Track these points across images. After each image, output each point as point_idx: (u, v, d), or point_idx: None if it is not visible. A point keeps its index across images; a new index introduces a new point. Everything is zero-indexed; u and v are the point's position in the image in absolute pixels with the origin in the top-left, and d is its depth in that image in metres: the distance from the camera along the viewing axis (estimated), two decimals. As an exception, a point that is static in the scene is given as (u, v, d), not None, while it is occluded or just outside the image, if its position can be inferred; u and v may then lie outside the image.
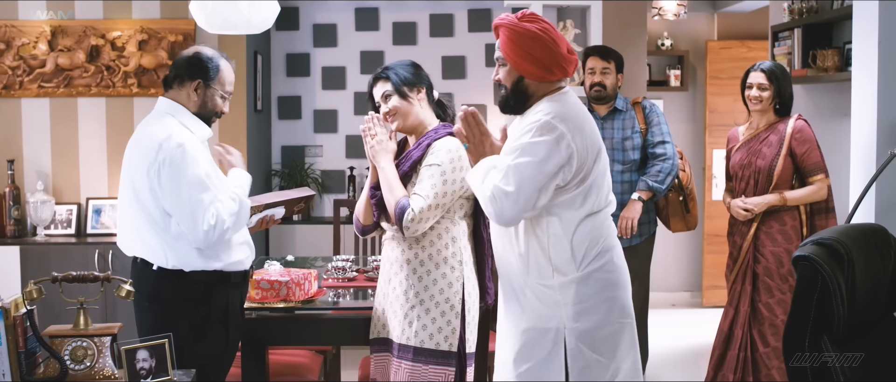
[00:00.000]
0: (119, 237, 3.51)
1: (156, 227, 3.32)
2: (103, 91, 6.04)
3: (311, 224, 6.83)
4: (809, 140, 4.68)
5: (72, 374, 2.74)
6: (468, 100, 7.17)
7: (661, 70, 8.00)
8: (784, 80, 4.74)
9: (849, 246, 2.44)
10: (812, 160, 4.68)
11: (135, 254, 3.42)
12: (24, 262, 5.71)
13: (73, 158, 6.10)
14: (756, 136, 4.80)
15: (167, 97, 3.46)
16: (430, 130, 3.53)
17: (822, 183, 4.69)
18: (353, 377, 4.59)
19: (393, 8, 7.19)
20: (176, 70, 3.44)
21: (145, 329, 3.37)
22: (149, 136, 3.33)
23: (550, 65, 3.01)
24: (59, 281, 2.85)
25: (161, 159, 3.25)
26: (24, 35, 5.98)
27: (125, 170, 3.42)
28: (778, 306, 4.63)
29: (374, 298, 3.69)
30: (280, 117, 7.24)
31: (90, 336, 2.76)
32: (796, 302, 2.47)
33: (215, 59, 3.45)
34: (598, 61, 5.15)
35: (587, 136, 2.97)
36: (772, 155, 4.70)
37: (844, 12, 5.21)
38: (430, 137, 3.49)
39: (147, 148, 3.30)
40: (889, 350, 2.56)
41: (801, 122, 4.73)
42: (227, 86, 3.48)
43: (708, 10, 8.05)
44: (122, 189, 3.44)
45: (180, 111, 3.42)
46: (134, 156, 3.37)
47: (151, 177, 3.27)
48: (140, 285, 3.27)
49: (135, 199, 3.35)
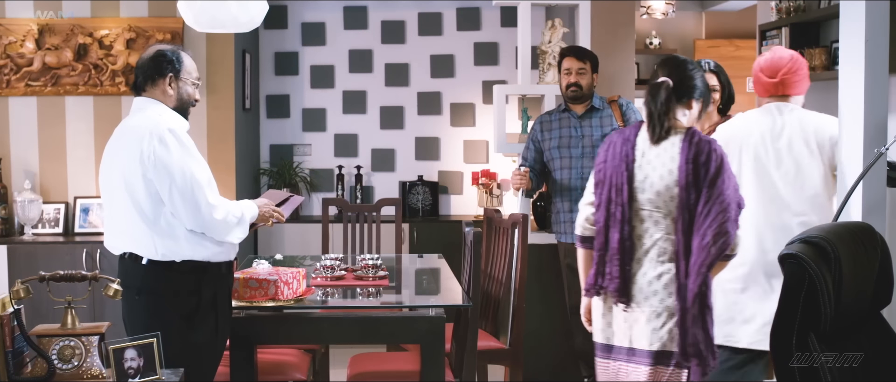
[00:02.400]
0: (107, 237, 3.51)
1: (145, 219, 3.34)
2: (91, 90, 6.02)
3: (299, 223, 6.83)
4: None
5: (59, 374, 2.73)
6: (456, 98, 7.18)
7: (649, 69, 8.02)
8: (727, 78, 4.60)
9: (836, 245, 2.45)
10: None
11: (124, 251, 3.42)
12: (11, 261, 5.69)
13: (61, 157, 6.08)
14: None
15: (143, 97, 3.52)
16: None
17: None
18: (342, 376, 4.59)
19: (381, 7, 7.18)
20: (144, 72, 3.50)
21: (136, 324, 3.36)
22: (134, 127, 3.37)
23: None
24: (47, 281, 2.84)
25: (154, 145, 3.30)
26: (12, 33, 5.96)
27: (109, 168, 3.43)
28: None
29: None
30: (268, 116, 7.23)
31: (78, 336, 2.76)
32: (783, 300, 2.48)
33: (176, 51, 3.54)
34: (573, 62, 5.18)
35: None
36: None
37: (831, 11, 5.23)
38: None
39: (137, 136, 3.33)
40: (876, 347, 2.57)
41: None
42: (194, 73, 3.57)
43: (696, 9, 8.07)
44: (107, 187, 3.45)
45: (159, 106, 3.48)
46: (120, 149, 3.39)
47: (145, 163, 3.30)
48: (129, 280, 3.31)
49: (124, 193, 3.36)
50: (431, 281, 4.73)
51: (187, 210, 3.31)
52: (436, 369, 3.77)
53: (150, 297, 3.39)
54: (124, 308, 3.44)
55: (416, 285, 4.73)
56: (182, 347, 3.27)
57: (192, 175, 3.31)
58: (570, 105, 5.24)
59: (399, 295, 4.41)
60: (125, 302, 3.41)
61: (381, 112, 7.23)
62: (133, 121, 3.44)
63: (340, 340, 3.99)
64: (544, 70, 5.76)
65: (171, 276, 3.38)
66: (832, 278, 2.42)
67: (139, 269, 3.37)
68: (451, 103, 7.22)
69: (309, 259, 5.15)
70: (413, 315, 3.89)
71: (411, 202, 6.98)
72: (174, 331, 3.26)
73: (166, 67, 3.48)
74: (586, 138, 5.14)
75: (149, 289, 3.38)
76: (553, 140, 5.21)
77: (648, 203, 3.28)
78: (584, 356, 5.28)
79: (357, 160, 7.20)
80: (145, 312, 3.37)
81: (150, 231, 3.34)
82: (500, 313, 4.73)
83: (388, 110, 7.23)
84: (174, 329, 3.27)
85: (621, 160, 3.32)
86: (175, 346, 3.16)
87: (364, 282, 4.27)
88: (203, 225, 3.35)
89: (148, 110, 3.45)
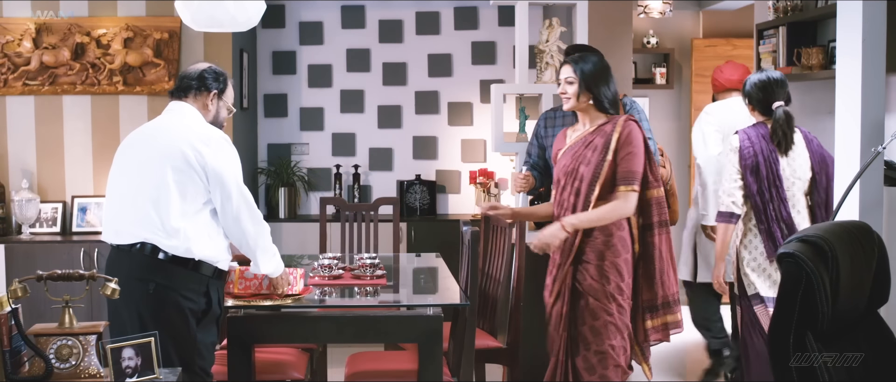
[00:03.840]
0: (117, 223, 3.48)
1: (172, 215, 3.38)
2: (88, 89, 6.02)
3: (297, 222, 6.83)
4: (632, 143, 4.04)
5: (57, 373, 2.73)
6: (454, 98, 7.18)
7: (646, 68, 8.02)
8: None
9: (833, 244, 2.45)
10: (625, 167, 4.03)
11: (140, 241, 3.41)
12: (8, 261, 5.69)
13: (59, 156, 6.08)
14: (582, 139, 4.17)
15: (184, 102, 3.61)
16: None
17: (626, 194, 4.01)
18: (340, 375, 4.59)
19: (379, 6, 7.18)
20: (193, 80, 3.60)
21: (145, 318, 3.36)
22: (186, 127, 3.49)
23: None
24: (44, 280, 2.84)
25: (213, 146, 3.43)
26: (9, 32, 5.96)
27: (139, 159, 3.46)
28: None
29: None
30: (266, 115, 7.23)
31: (75, 335, 2.75)
32: (781, 299, 2.48)
33: (225, 74, 3.69)
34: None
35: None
36: (597, 160, 4.04)
37: (829, 10, 5.23)
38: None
39: (185, 137, 3.43)
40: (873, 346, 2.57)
41: (631, 124, 4.09)
42: (231, 100, 3.72)
43: (693, 8, 8.08)
44: (129, 177, 3.47)
45: (199, 115, 3.58)
46: (158, 145, 3.45)
47: (193, 164, 3.39)
48: (144, 272, 3.37)
49: (159, 184, 3.39)
50: (429, 281, 4.73)
51: (251, 216, 3.48)
52: (433, 368, 3.77)
53: (166, 292, 3.40)
54: (125, 302, 3.37)
55: (413, 284, 4.73)
56: (190, 344, 3.38)
57: (238, 179, 3.50)
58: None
59: (397, 295, 4.41)
60: (126, 296, 3.32)
61: (378, 111, 7.23)
62: (174, 120, 3.53)
63: (338, 339, 3.99)
64: (542, 69, 5.75)
65: (188, 274, 3.42)
66: (829, 277, 2.42)
67: (155, 263, 3.39)
68: (448, 102, 7.22)
69: (307, 258, 5.14)
70: (411, 314, 3.89)
71: (409, 201, 6.98)
72: (186, 328, 3.38)
73: (213, 84, 3.61)
74: None
75: (166, 284, 3.40)
76: (554, 137, 5.19)
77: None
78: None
79: (355, 159, 7.20)
80: (158, 306, 3.39)
81: (177, 227, 3.38)
82: (497, 312, 4.73)
83: (386, 109, 7.23)
84: (185, 326, 3.38)
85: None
86: (184, 343, 3.30)
87: (362, 281, 4.28)
88: (257, 234, 3.51)
89: (189, 116, 3.55)
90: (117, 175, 3.53)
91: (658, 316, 4.09)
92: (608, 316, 3.98)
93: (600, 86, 4.08)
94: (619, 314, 3.99)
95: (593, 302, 3.99)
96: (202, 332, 3.47)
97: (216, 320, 3.57)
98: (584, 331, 4.00)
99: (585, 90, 4.08)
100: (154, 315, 3.36)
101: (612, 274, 3.99)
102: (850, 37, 4.22)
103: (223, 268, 3.55)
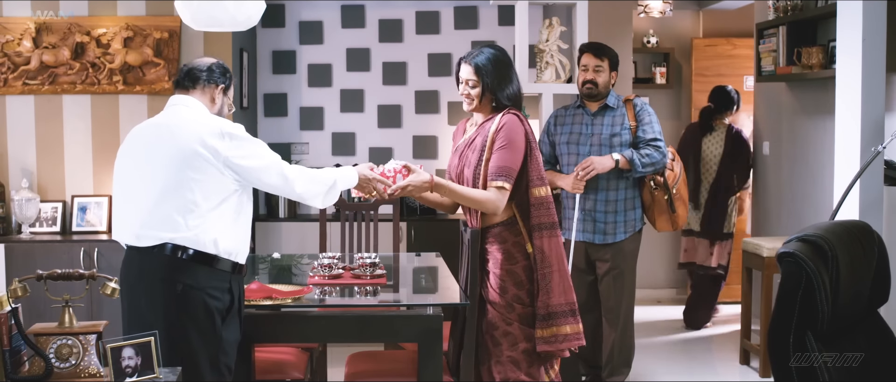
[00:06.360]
0: (135, 225, 3.40)
1: (190, 210, 3.34)
2: (88, 88, 6.01)
3: (297, 221, 6.83)
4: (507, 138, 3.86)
5: (57, 372, 2.73)
6: (454, 97, 7.18)
7: (646, 67, 8.02)
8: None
9: (833, 243, 2.45)
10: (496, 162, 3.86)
11: (162, 242, 3.34)
12: (8, 260, 5.68)
13: (59, 156, 6.08)
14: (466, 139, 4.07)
15: (189, 95, 3.59)
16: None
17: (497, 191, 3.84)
18: (339, 375, 4.59)
19: (379, 5, 7.18)
20: (203, 72, 3.59)
21: (172, 318, 3.32)
22: (198, 121, 3.45)
23: None
24: (44, 279, 2.84)
25: (227, 141, 3.40)
26: (9, 32, 5.95)
27: (152, 156, 3.40)
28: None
29: None
30: (266, 114, 7.23)
31: (75, 334, 2.76)
32: (781, 299, 2.48)
33: (231, 73, 3.70)
34: (591, 58, 5.16)
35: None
36: (476, 161, 3.94)
37: (829, 10, 5.23)
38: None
39: (208, 129, 3.40)
40: (873, 346, 2.57)
41: (509, 117, 3.90)
42: (231, 98, 3.72)
43: (693, 7, 8.08)
44: (143, 175, 3.40)
45: (205, 108, 3.57)
46: (177, 137, 3.39)
47: (214, 148, 3.37)
48: (170, 273, 3.32)
49: (177, 183, 3.34)
50: (429, 280, 4.73)
51: (293, 181, 3.59)
52: (433, 368, 3.76)
53: (194, 291, 3.35)
54: (154, 301, 3.35)
55: (413, 284, 4.72)
56: (213, 341, 3.37)
57: (267, 153, 3.58)
58: (584, 101, 5.23)
59: (397, 294, 4.41)
60: (156, 294, 3.35)
61: (378, 111, 7.23)
62: (184, 114, 3.48)
63: (338, 339, 3.99)
64: (542, 69, 5.75)
65: (211, 271, 3.38)
66: (830, 277, 2.42)
67: (179, 262, 3.34)
68: (448, 102, 7.22)
69: (307, 257, 5.14)
70: (411, 313, 3.88)
71: (409, 200, 6.97)
72: (212, 327, 3.37)
73: (221, 78, 3.61)
74: (595, 136, 5.12)
75: (192, 283, 3.35)
76: (563, 135, 5.20)
77: None
78: (584, 356, 5.28)
79: (355, 158, 7.20)
80: (185, 306, 3.34)
81: (199, 224, 3.34)
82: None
83: (386, 109, 7.23)
84: (213, 325, 3.37)
85: None
86: (208, 339, 3.33)
87: (362, 281, 4.27)
88: (308, 183, 3.64)
89: (197, 109, 3.53)
90: (128, 173, 3.46)
91: (546, 326, 3.82)
92: (508, 326, 3.86)
93: (503, 85, 3.94)
94: (520, 323, 3.84)
95: (492, 313, 3.88)
96: (226, 330, 3.44)
97: (238, 316, 3.52)
98: (486, 341, 3.89)
99: (489, 91, 3.95)
100: (181, 315, 3.32)
101: (509, 284, 3.86)
102: (850, 36, 4.23)
103: (242, 263, 3.50)
